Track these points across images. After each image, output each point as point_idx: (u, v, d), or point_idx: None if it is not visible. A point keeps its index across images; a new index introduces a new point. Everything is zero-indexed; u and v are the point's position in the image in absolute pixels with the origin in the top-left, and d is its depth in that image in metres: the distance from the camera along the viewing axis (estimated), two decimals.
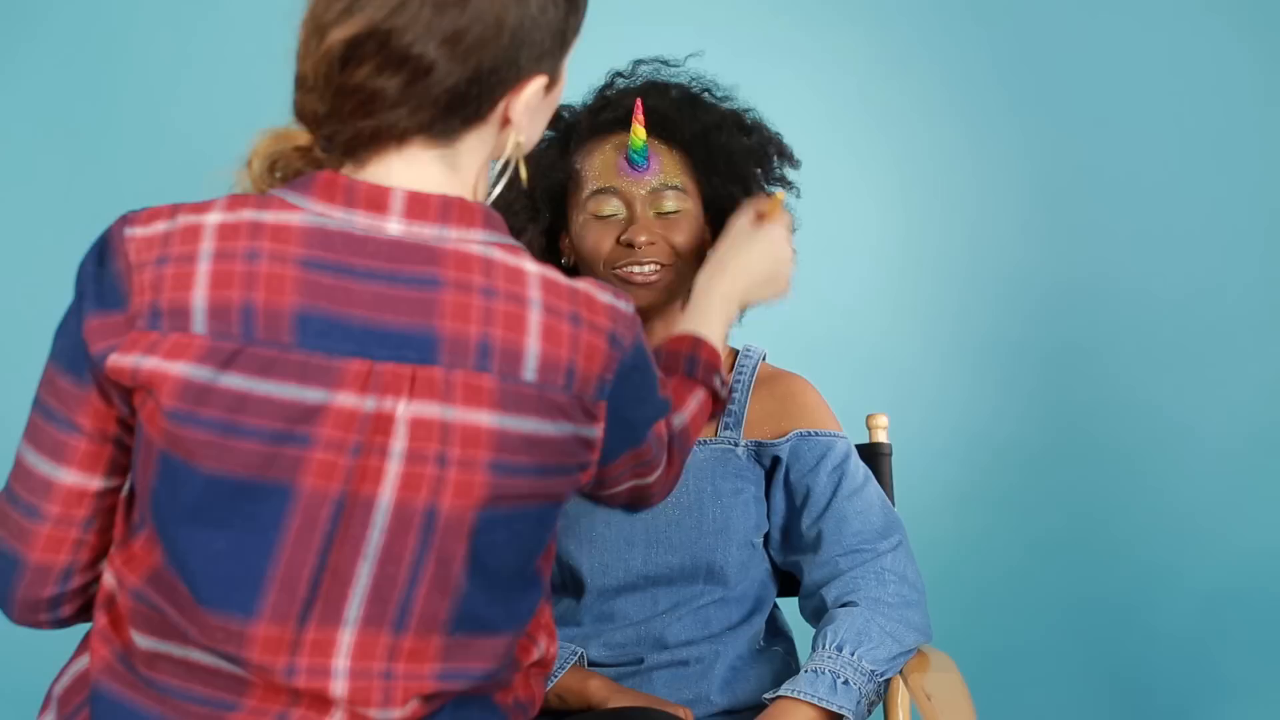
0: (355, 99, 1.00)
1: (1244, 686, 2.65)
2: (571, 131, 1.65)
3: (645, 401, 1.10)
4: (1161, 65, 2.76)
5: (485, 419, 0.98)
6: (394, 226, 1.00)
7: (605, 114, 1.62)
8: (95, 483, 1.03)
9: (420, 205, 1.01)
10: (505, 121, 1.05)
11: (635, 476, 1.16)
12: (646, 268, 1.56)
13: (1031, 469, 2.72)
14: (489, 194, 1.10)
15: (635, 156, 1.56)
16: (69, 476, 1.02)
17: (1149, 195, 2.75)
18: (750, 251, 1.44)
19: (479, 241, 1.02)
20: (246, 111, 1.14)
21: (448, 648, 1.01)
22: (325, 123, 1.02)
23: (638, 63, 1.66)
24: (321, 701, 0.99)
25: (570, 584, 1.59)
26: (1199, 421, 2.71)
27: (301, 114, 1.03)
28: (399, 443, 0.98)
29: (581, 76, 1.67)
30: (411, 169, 1.03)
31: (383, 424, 0.97)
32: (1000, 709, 2.16)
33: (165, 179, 1.04)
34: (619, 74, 1.67)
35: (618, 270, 1.57)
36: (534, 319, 1.00)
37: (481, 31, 0.99)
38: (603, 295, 1.06)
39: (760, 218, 1.48)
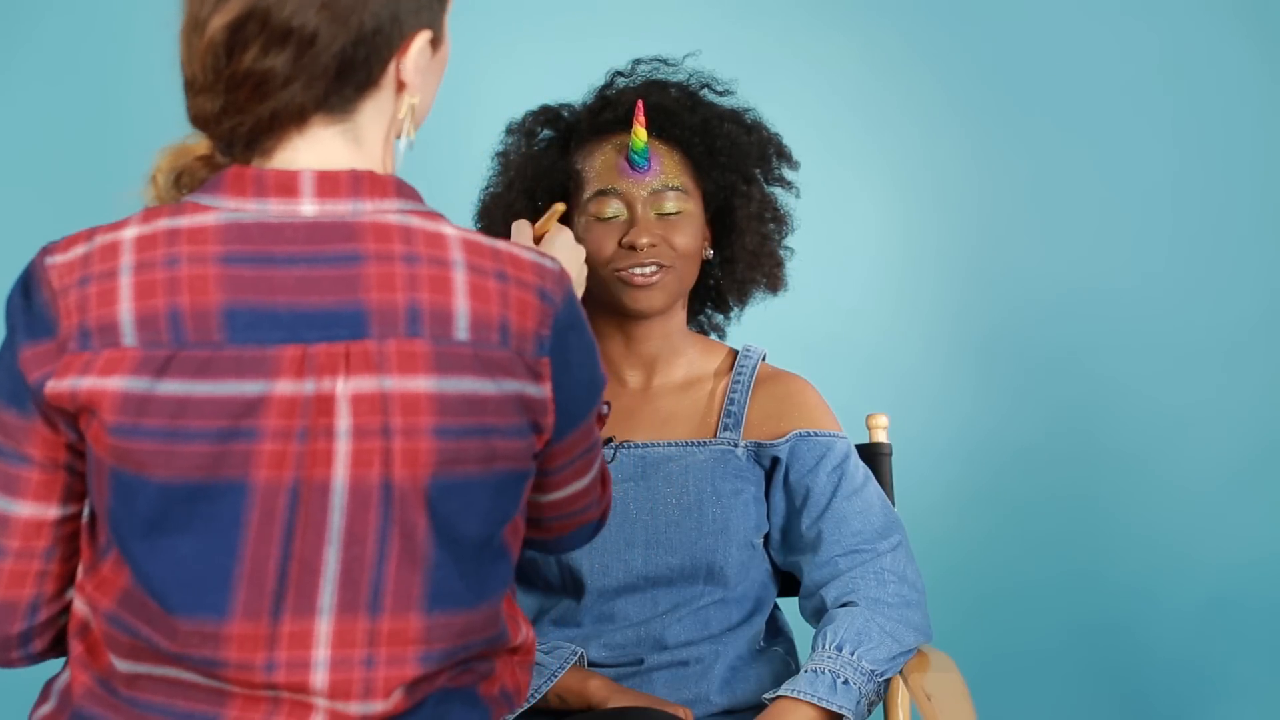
0: (248, 85, 1.00)
1: (1246, 689, 2.65)
2: (572, 131, 1.65)
3: (586, 367, 1.10)
4: (1160, 64, 2.75)
5: (423, 384, 0.98)
6: (308, 208, 1.01)
7: (605, 114, 1.62)
8: (52, 512, 1.03)
9: (330, 183, 1.01)
10: (400, 86, 1.05)
11: (576, 474, 1.16)
12: (648, 269, 1.56)
13: (1032, 469, 2.71)
14: (396, 165, 1.10)
15: (636, 157, 1.56)
16: (25, 509, 1.02)
17: (1148, 196, 2.75)
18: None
19: (395, 211, 1.02)
20: None
21: (428, 628, 1.01)
22: (222, 119, 1.02)
23: (637, 62, 1.67)
24: (302, 706, 0.99)
25: (570, 585, 1.59)
26: (1201, 421, 2.71)
27: (197, 118, 1.04)
28: (344, 421, 0.98)
29: (579, 78, 1.67)
30: (316, 149, 1.03)
31: (325, 405, 0.98)
32: (1000, 709, 2.16)
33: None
34: (619, 73, 1.67)
35: (619, 272, 1.57)
36: (459, 279, 1.01)
37: None
38: (526, 254, 1.06)
39: (539, 240, 1.46)
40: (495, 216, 1.65)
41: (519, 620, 1.13)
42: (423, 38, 1.04)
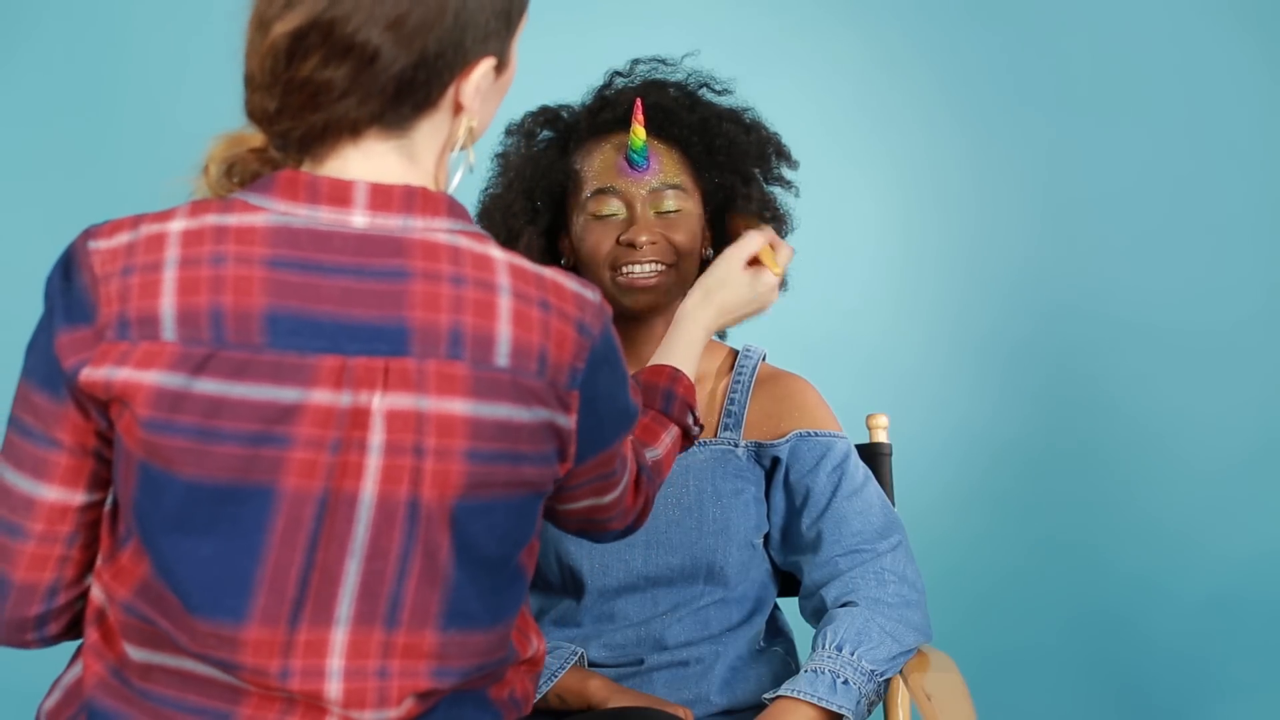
0: (304, 93, 0.99)
1: (1244, 689, 2.65)
2: (571, 132, 1.65)
3: (616, 398, 1.10)
4: (1162, 65, 2.75)
5: (459, 407, 0.98)
6: (359, 220, 1.00)
7: (605, 114, 1.62)
8: (78, 498, 1.03)
9: (384, 197, 1.01)
10: (458, 107, 1.05)
11: (594, 493, 1.16)
12: (647, 268, 1.56)
13: (1032, 469, 2.72)
14: (450, 183, 1.10)
15: (635, 156, 1.56)
16: (51, 493, 1.02)
17: (1149, 196, 2.75)
18: (740, 292, 1.47)
19: (445, 230, 1.02)
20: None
21: (442, 644, 1.01)
22: (277, 120, 1.01)
23: (635, 62, 1.67)
24: (316, 709, 0.99)
25: (570, 585, 1.59)
26: (1203, 418, 2.71)
27: (253, 113, 1.03)
28: (377, 436, 0.98)
29: (579, 78, 1.67)
30: (370, 162, 1.03)
31: (360, 419, 0.97)
32: (1000, 709, 2.16)
33: (166, 179, 1.04)
34: (618, 73, 1.67)
35: (619, 271, 1.57)
36: (504, 305, 1.01)
37: (424, 15, 0.99)
38: (570, 283, 1.06)
39: (755, 262, 1.48)
40: (495, 217, 1.65)
41: (530, 633, 1.13)
42: (486, 64, 1.04)
